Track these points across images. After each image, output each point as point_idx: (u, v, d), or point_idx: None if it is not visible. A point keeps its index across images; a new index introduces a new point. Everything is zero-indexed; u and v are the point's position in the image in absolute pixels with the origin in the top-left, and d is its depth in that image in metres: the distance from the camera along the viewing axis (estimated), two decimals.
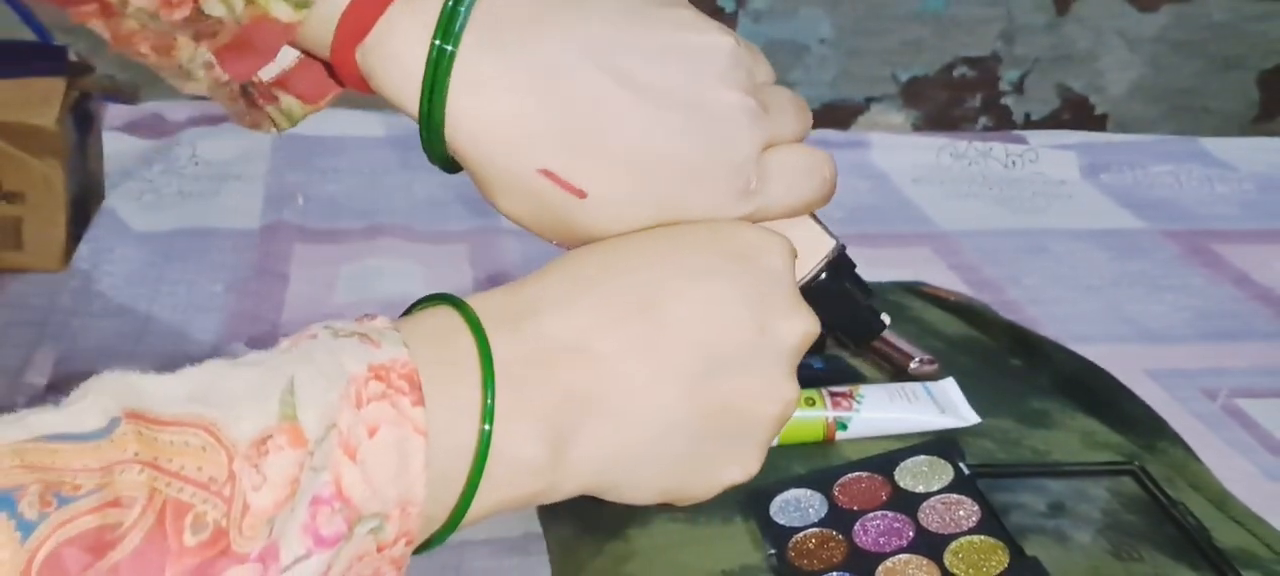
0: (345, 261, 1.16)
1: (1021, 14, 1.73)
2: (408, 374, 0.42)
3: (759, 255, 0.50)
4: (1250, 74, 1.80)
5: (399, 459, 0.41)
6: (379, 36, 0.48)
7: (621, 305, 0.47)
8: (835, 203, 0.55)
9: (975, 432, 0.78)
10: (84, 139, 1.18)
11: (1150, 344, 1.10)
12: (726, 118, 0.48)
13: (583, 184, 0.48)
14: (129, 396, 0.37)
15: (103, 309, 1.07)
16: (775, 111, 0.50)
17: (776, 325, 0.49)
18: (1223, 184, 1.47)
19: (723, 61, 0.49)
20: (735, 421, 0.48)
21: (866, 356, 0.88)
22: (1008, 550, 0.64)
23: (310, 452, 0.39)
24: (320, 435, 0.39)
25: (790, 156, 0.51)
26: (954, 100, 1.76)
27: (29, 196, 1.10)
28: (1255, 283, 1.23)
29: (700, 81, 0.48)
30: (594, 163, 0.48)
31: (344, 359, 0.41)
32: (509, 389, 0.44)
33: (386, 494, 0.40)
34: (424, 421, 0.41)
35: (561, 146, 0.47)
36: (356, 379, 0.41)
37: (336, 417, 0.40)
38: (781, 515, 0.69)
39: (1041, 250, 1.28)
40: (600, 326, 0.47)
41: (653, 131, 0.48)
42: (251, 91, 0.53)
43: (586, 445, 0.46)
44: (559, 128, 0.47)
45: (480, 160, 0.48)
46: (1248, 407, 0.99)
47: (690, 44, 0.48)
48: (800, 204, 0.52)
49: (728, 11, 1.68)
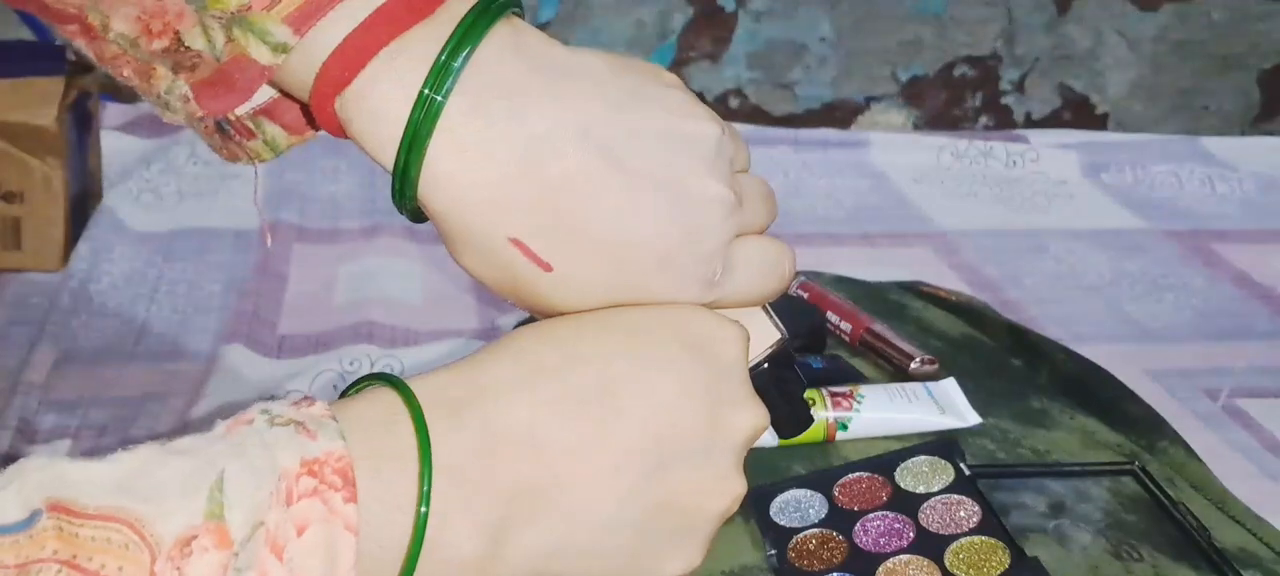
0: (345, 261, 1.16)
1: (1021, 14, 1.73)
2: (342, 469, 0.41)
3: (715, 344, 0.49)
4: (1250, 74, 1.80)
5: (327, 558, 0.40)
6: (360, 87, 0.46)
7: (574, 397, 0.46)
8: (836, 202, 0.56)
9: (975, 432, 0.77)
10: (83, 138, 1.18)
11: (1150, 344, 1.10)
12: (704, 208, 0.48)
13: (551, 259, 0.47)
14: (54, 486, 0.36)
15: (101, 309, 1.07)
16: (748, 202, 0.50)
17: (728, 418, 0.48)
18: (1223, 184, 1.47)
19: (709, 150, 0.48)
20: (680, 516, 0.47)
21: (867, 357, 0.88)
22: (1008, 550, 0.64)
23: (236, 553, 0.38)
24: (246, 535, 0.39)
25: (756, 250, 0.51)
26: (954, 100, 1.76)
27: (28, 196, 1.10)
28: (1255, 282, 1.23)
29: (684, 169, 0.47)
30: (565, 241, 0.47)
31: (277, 452, 0.40)
32: (447, 484, 0.43)
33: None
34: (356, 518, 0.40)
35: (535, 222, 0.46)
36: (288, 474, 0.40)
37: (265, 515, 0.39)
38: (782, 515, 0.69)
39: (1042, 250, 1.28)
40: (550, 420, 0.45)
41: (628, 217, 0.47)
42: (227, 128, 0.52)
43: (528, 540, 0.45)
44: (535, 203, 0.46)
45: (452, 220, 0.47)
46: (1248, 407, 0.99)
47: (680, 130, 0.48)
48: (759, 296, 0.52)
49: (728, 11, 1.68)
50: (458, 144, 0.46)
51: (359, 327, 1.03)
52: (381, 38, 0.46)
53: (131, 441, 0.42)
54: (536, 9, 1.65)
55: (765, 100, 1.73)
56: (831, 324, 0.90)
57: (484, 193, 0.46)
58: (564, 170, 0.46)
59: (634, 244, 0.47)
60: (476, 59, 0.46)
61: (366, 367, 0.97)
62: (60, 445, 0.87)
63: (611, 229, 0.47)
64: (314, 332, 1.04)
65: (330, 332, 1.03)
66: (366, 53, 0.46)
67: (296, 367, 0.97)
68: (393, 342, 1.00)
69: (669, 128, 0.48)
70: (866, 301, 0.94)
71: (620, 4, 1.66)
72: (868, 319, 0.89)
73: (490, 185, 0.46)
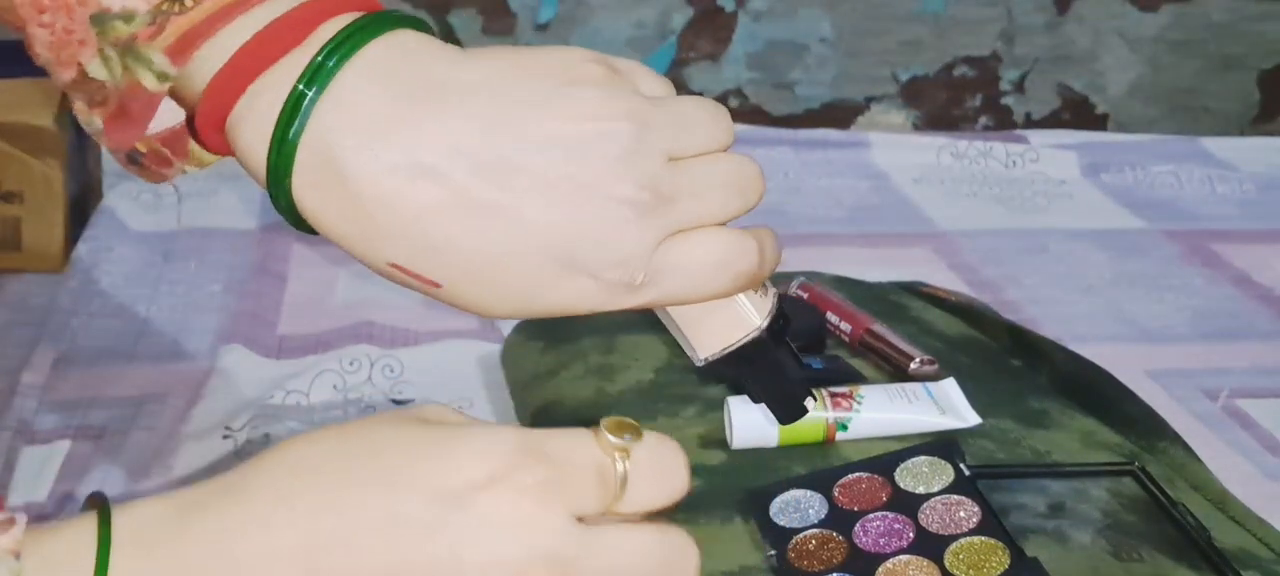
0: (344, 262, 1.16)
1: (1021, 14, 1.73)
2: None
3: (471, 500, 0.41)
4: (1250, 74, 1.80)
5: None
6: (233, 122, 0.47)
7: (283, 535, 0.41)
8: (837, 202, 0.54)
9: (975, 433, 0.77)
10: (83, 139, 1.18)
11: (1150, 344, 1.10)
12: (608, 211, 0.46)
13: (435, 278, 0.46)
14: None
15: (101, 309, 1.07)
16: (693, 196, 0.47)
17: (466, 564, 0.41)
18: (1223, 184, 1.47)
19: (617, 151, 0.46)
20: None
21: (867, 358, 0.88)
22: (1008, 551, 0.64)
23: None
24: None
25: (700, 248, 0.48)
26: (954, 100, 1.76)
27: (28, 196, 1.10)
28: (1255, 283, 1.23)
29: (584, 173, 0.45)
30: (444, 263, 0.46)
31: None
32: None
33: None
34: None
35: (407, 248, 0.46)
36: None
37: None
38: (781, 516, 0.69)
39: (1041, 250, 1.28)
40: (250, 568, 0.40)
41: (506, 232, 0.45)
42: (139, 159, 0.51)
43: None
44: (402, 232, 0.45)
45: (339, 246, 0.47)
46: (1248, 408, 0.99)
47: (580, 134, 0.45)
48: (704, 296, 0.49)
49: (728, 11, 1.68)
50: (314, 181, 0.46)
51: (358, 328, 1.03)
52: (249, 73, 0.46)
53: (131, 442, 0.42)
54: (536, 9, 1.65)
55: (765, 100, 1.73)
56: (831, 324, 0.90)
57: (348, 227, 0.46)
58: (424, 198, 0.45)
59: (520, 255, 0.46)
60: (334, 91, 0.45)
61: (366, 367, 0.97)
62: (60, 445, 0.87)
63: (488, 246, 0.46)
64: (313, 333, 1.04)
65: (330, 333, 1.03)
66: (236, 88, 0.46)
67: (296, 368, 0.97)
68: (392, 343, 1.00)
69: (565, 133, 0.46)
70: (866, 302, 0.94)
71: (620, 4, 1.66)
72: (868, 319, 0.89)
73: (353, 220, 0.46)
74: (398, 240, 0.46)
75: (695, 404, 0.80)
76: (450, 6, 1.63)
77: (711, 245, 0.48)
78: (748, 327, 0.51)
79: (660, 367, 0.84)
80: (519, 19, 1.64)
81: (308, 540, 0.40)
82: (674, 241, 0.47)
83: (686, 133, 0.48)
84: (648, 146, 0.46)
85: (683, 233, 0.47)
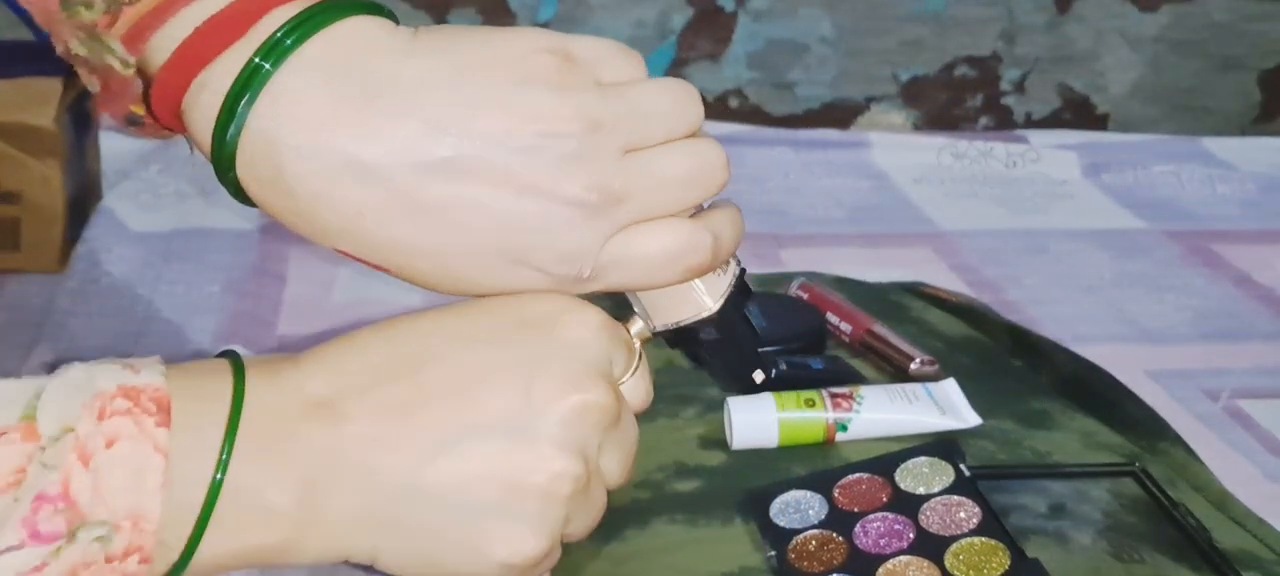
0: (343, 262, 1.16)
1: (1022, 14, 1.73)
2: (158, 398, 0.42)
3: (553, 325, 0.48)
4: (1251, 74, 1.80)
5: (134, 473, 0.41)
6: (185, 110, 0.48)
7: (380, 369, 0.46)
8: (837, 202, 0.55)
9: (976, 434, 0.77)
10: (82, 139, 1.18)
11: (1151, 344, 1.10)
12: (554, 207, 0.46)
13: (381, 264, 0.48)
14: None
15: (100, 309, 1.07)
16: (641, 193, 0.48)
17: (551, 395, 0.46)
18: (1224, 184, 1.47)
19: (563, 149, 0.46)
20: (497, 493, 0.46)
21: (867, 358, 0.88)
22: (1008, 552, 0.64)
23: (42, 448, 0.40)
24: (55, 434, 0.40)
25: (653, 241, 0.48)
26: (954, 100, 1.76)
27: (26, 197, 1.10)
28: (1256, 283, 1.22)
29: (530, 171, 0.46)
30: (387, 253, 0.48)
31: (97, 377, 0.42)
32: (254, 434, 0.43)
33: (116, 504, 0.40)
34: (166, 443, 0.41)
35: (350, 241, 0.48)
36: (103, 394, 0.41)
37: (76, 423, 0.40)
38: (781, 517, 0.69)
39: (1042, 250, 1.28)
40: (355, 388, 0.46)
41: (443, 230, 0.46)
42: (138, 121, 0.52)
43: (334, 504, 0.45)
44: (342, 228, 0.47)
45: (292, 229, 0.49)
46: (1249, 408, 0.99)
47: (526, 133, 0.46)
48: (654, 285, 0.50)
49: (728, 11, 1.68)
50: (256, 176, 0.47)
51: (358, 328, 1.03)
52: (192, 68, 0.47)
53: None
54: (536, 8, 1.65)
55: (765, 100, 1.73)
56: (831, 325, 0.90)
57: (292, 219, 0.48)
58: (363, 199, 0.46)
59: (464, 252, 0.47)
60: (272, 92, 0.46)
61: None
62: None
63: (431, 242, 0.47)
64: (313, 334, 1.03)
65: (329, 334, 1.02)
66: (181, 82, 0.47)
67: None
68: None
69: (511, 135, 0.46)
70: (866, 302, 0.93)
71: (620, 4, 1.66)
72: (868, 320, 0.89)
73: (295, 213, 0.47)
74: (340, 235, 0.48)
75: (695, 404, 0.80)
76: (450, 5, 1.63)
77: (662, 238, 0.49)
78: (699, 310, 0.52)
79: (660, 368, 0.84)
80: (519, 18, 1.64)
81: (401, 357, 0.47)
82: (625, 234, 0.48)
83: (644, 124, 0.48)
84: (598, 146, 0.46)
85: (635, 225, 0.48)
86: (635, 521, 0.70)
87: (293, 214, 0.48)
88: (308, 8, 0.47)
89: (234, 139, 0.46)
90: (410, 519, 0.46)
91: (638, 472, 0.74)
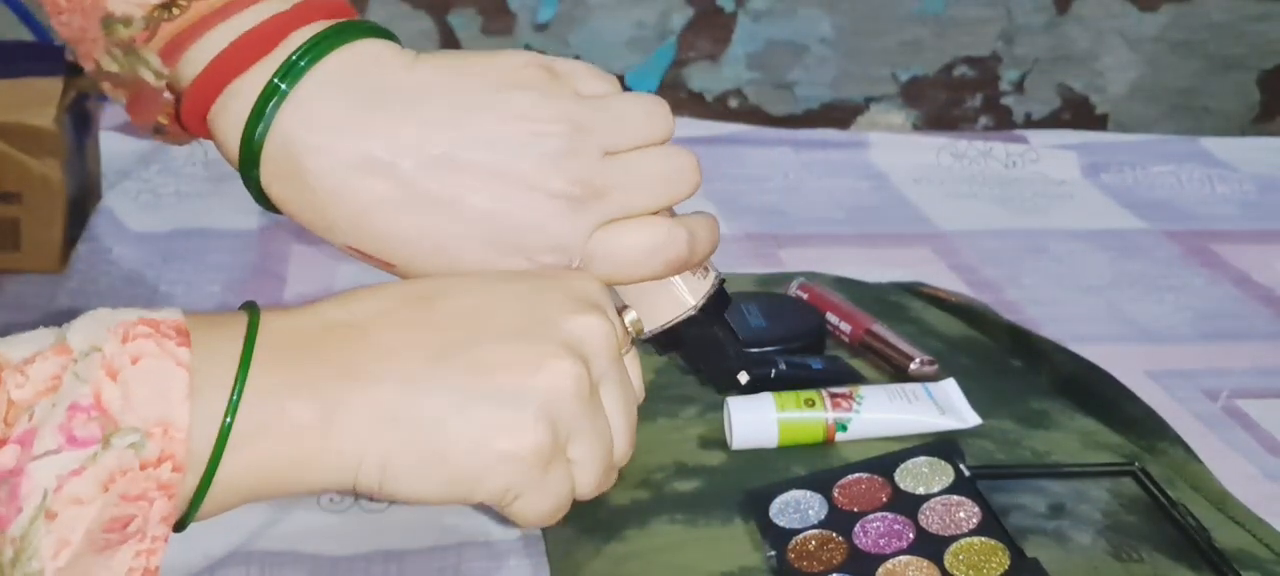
0: (343, 262, 1.16)
1: (1021, 14, 1.73)
2: (178, 325, 0.45)
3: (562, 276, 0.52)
4: (1250, 74, 1.80)
5: (159, 384, 0.44)
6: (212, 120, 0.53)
7: (399, 297, 0.51)
8: (837, 202, 0.57)
9: (975, 433, 0.77)
10: (82, 139, 1.18)
11: (1150, 344, 1.10)
12: (539, 205, 0.51)
13: (387, 260, 0.53)
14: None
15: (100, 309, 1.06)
16: (621, 190, 0.53)
17: (556, 316, 0.50)
18: (1223, 184, 1.47)
19: (549, 149, 0.51)
20: (500, 383, 0.49)
21: (866, 358, 0.88)
22: (1008, 551, 0.64)
23: (74, 360, 0.43)
24: (85, 350, 0.43)
25: (632, 236, 0.53)
26: (954, 100, 1.76)
27: (26, 197, 1.10)
28: (1256, 283, 1.22)
29: (517, 170, 0.51)
30: (393, 250, 0.52)
31: (121, 313, 0.46)
32: (272, 350, 0.47)
33: (145, 411, 0.43)
34: (187, 359, 0.45)
35: (358, 238, 0.52)
36: (127, 322, 0.45)
37: (103, 344, 0.44)
38: (781, 516, 0.69)
39: (1041, 250, 1.28)
40: (372, 311, 0.50)
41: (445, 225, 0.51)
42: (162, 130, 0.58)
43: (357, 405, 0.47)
44: (351, 224, 0.52)
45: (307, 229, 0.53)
46: (1248, 408, 0.99)
47: (514, 134, 0.51)
48: (633, 279, 0.54)
49: (728, 11, 1.68)
50: (278, 174, 0.52)
51: None
52: (225, 77, 0.52)
53: None
54: (536, 9, 1.65)
55: (765, 100, 1.73)
56: (831, 325, 0.90)
57: (309, 215, 0.52)
58: (374, 192, 0.51)
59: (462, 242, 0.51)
60: (296, 98, 0.51)
61: None
62: None
63: (432, 233, 0.51)
64: None
65: None
66: (213, 90, 0.52)
67: None
68: None
69: (503, 133, 0.51)
70: (866, 302, 0.93)
71: (620, 4, 1.66)
72: (868, 320, 0.89)
73: (312, 209, 0.52)
74: (352, 229, 0.52)
75: (695, 404, 0.80)
76: (450, 6, 1.63)
77: (643, 233, 0.54)
78: (681, 309, 0.57)
79: (660, 368, 0.84)
80: (518, 19, 1.64)
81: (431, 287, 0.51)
82: (608, 229, 0.53)
83: (621, 129, 0.53)
84: (581, 145, 0.52)
85: (618, 222, 0.53)
86: (635, 521, 0.70)
87: (309, 208, 0.52)
88: (327, 27, 0.53)
89: (261, 138, 0.51)
90: (419, 413, 0.48)
91: (638, 472, 0.74)
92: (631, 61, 1.68)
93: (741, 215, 1.29)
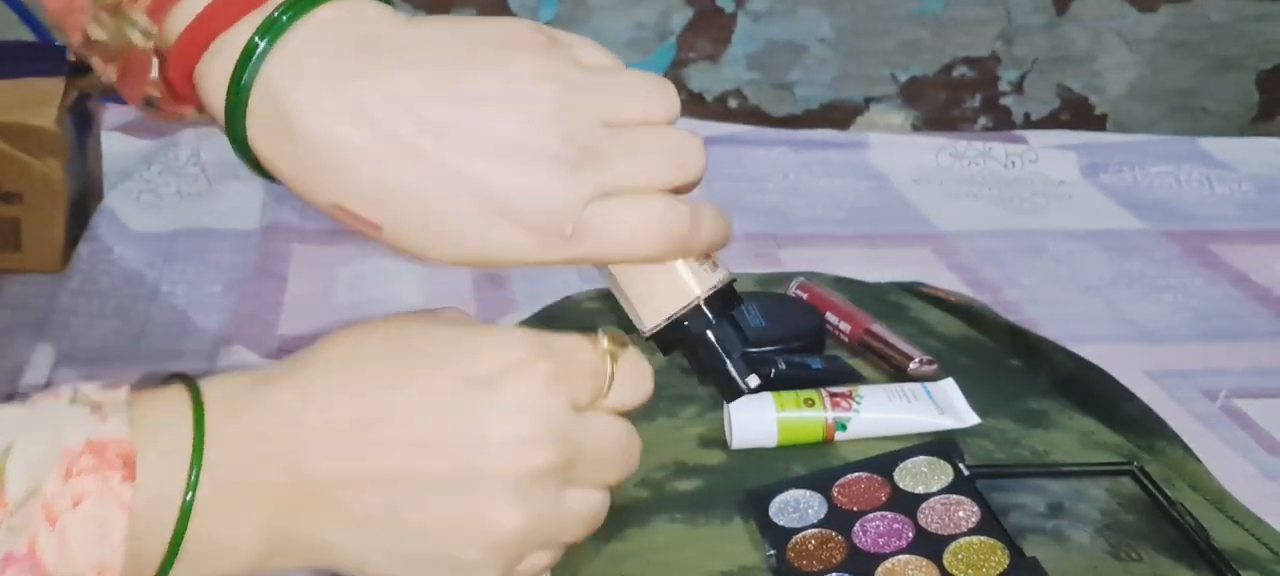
0: (344, 262, 1.16)
1: (1021, 14, 1.73)
2: (124, 454, 0.44)
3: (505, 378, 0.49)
4: (1249, 74, 1.80)
5: (99, 529, 0.43)
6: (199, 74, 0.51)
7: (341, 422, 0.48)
8: (836, 203, 0.56)
9: (974, 433, 0.77)
10: (83, 139, 1.18)
11: (1149, 344, 1.10)
12: (536, 166, 0.49)
13: (375, 219, 0.50)
14: None
15: (101, 309, 1.07)
16: (620, 159, 0.50)
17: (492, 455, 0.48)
18: (1222, 184, 1.47)
19: (545, 111, 0.49)
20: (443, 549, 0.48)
21: (866, 358, 0.88)
22: (1007, 551, 0.64)
23: (11, 512, 0.42)
24: (22, 499, 0.42)
25: (630, 209, 0.50)
26: (954, 100, 1.76)
27: (28, 197, 1.10)
28: (1254, 283, 1.23)
29: (513, 130, 0.49)
30: (382, 205, 0.50)
31: (66, 430, 0.44)
32: (216, 479, 0.46)
33: (82, 561, 0.43)
34: (130, 497, 0.44)
35: (344, 190, 0.49)
36: (70, 453, 0.43)
37: (43, 484, 0.43)
38: (781, 516, 0.69)
39: (1041, 250, 1.28)
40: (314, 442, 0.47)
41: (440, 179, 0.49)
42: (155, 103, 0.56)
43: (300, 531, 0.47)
44: (342, 175, 0.49)
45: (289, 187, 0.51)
46: (1246, 408, 0.99)
47: (511, 93, 0.49)
48: (633, 256, 0.52)
49: (727, 12, 1.68)
50: (264, 126, 0.50)
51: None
52: (213, 30, 0.50)
53: None
54: (536, 9, 1.65)
55: (765, 101, 1.73)
56: (831, 324, 0.90)
57: (295, 167, 0.50)
58: (360, 140, 0.49)
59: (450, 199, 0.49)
60: (285, 45, 0.49)
61: None
62: None
63: (419, 188, 0.49)
64: (313, 334, 1.03)
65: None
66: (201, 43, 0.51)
67: None
68: None
69: (496, 90, 0.49)
70: (866, 302, 0.94)
71: (620, 4, 1.66)
72: (867, 319, 0.89)
73: (298, 160, 0.50)
74: (338, 182, 0.50)
75: (695, 404, 0.80)
76: (450, 6, 1.63)
77: (643, 206, 0.51)
78: (686, 297, 0.53)
79: (660, 368, 0.84)
80: None
81: (359, 413, 0.47)
82: (604, 202, 0.50)
83: (620, 101, 0.51)
84: (577, 108, 0.50)
85: (614, 195, 0.50)
86: (635, 520, 0.70)
87: (294, 161, 0.50)
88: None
89: (247, 88, 0.49)
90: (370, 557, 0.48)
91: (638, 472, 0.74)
92: (631, 61, 1.68)
93: (741, 215, 1.30)
